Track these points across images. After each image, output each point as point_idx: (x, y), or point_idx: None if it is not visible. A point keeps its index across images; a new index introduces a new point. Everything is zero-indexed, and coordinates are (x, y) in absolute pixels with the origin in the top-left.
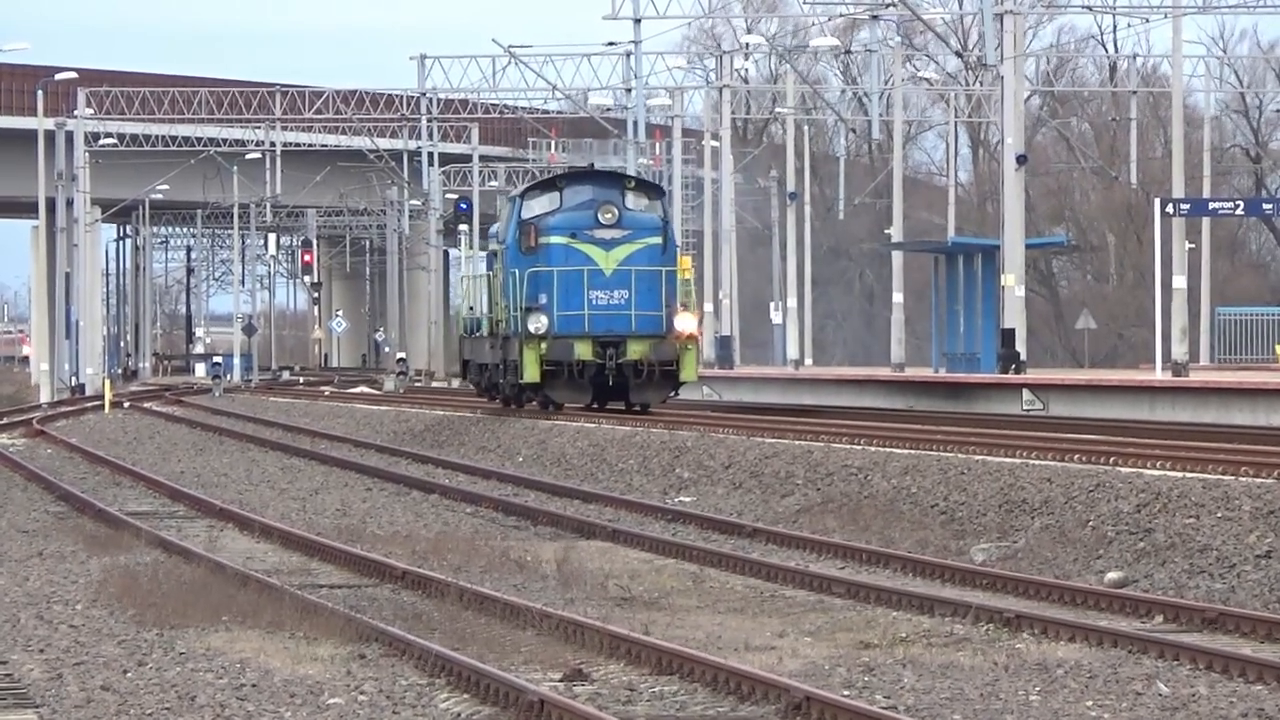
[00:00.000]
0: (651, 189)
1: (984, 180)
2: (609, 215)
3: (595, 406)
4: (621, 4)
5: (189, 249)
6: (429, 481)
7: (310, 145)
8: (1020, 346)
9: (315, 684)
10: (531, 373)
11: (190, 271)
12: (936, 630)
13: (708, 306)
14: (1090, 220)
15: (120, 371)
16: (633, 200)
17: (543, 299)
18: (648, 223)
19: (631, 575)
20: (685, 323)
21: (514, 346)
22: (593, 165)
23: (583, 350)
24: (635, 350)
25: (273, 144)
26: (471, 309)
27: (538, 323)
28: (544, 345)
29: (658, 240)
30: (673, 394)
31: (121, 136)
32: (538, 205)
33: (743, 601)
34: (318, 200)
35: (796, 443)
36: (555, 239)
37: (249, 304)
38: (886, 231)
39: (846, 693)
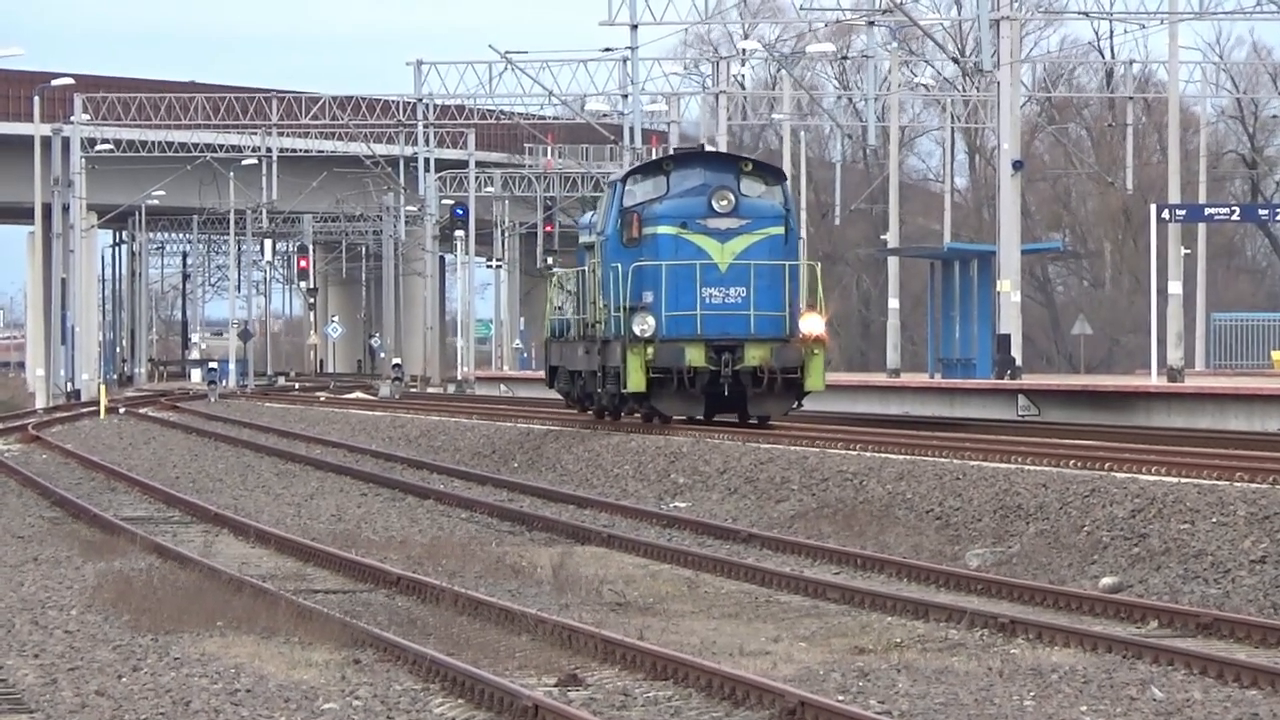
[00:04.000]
0: (771, 172)
1: (981, 186)
2: (724, 202)
3: (703, 420)
4: (618, 10)
5: (185, 255)
6: (424, 487)
7: (306, 151)
8: (1016, 352)
9: (310, 689)
10: (636, 381)
11: (186, 277)
12: (931, 635)
13: None
14: (1086, 226)
15: (116, 377)
16: (750, 185)
17: (648, 297)
18: (768, 210)
19: (626, 580)
20: (812, 324)
21: (614, 351)
22: (703, 146)
23: (694, 356)
24: (754, 355)
25: (269, 150)
26: (560, 309)
27: (644, 324)
28: (650, 350)
29: (779, 230)
30: (796, 405)
31: (118, 142)
32: (641, 191)
33: (737, 607)
34: (314, 206)
35: (791, 448)
36: (663, 229)
37: (244, 310)
38: (883, 237)
39: (841, 698)
